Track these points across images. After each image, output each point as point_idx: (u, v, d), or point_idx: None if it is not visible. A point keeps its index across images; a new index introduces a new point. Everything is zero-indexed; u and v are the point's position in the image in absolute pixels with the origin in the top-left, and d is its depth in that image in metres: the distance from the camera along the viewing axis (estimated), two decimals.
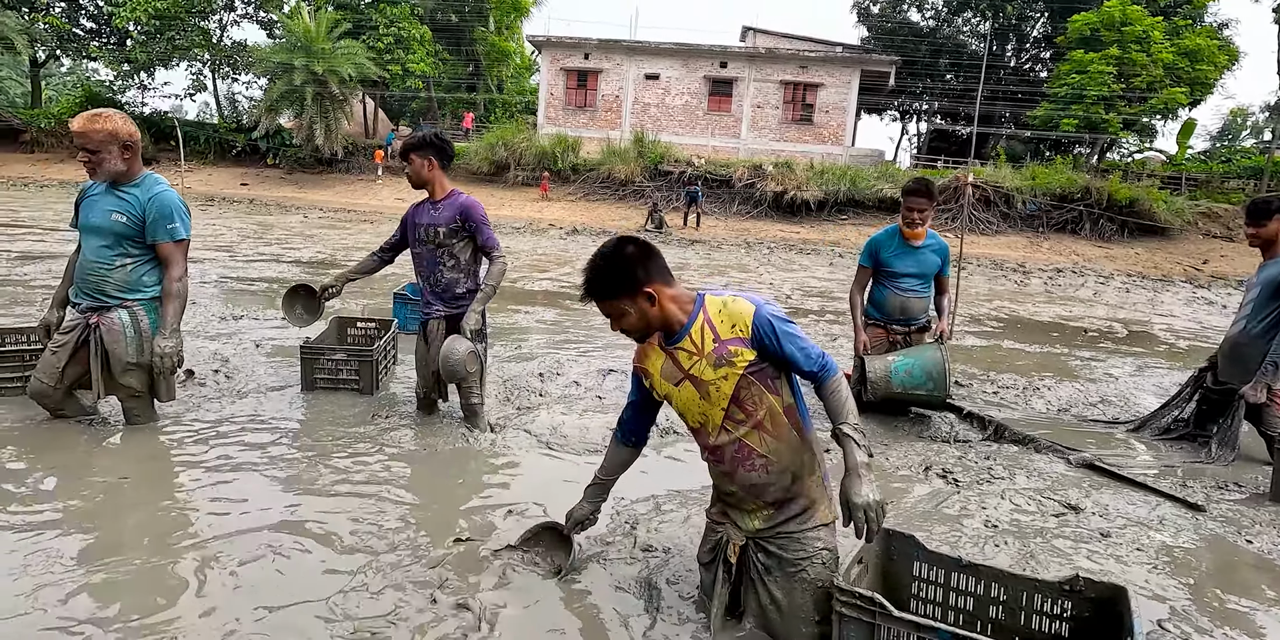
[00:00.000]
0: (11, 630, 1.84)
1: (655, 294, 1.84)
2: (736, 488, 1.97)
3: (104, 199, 2.98)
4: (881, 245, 3.96)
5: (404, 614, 2.00)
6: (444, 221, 3.33)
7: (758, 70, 26.29)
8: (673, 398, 1.97)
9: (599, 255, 1.86)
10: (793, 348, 1.84)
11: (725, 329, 1.85)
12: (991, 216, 19.76)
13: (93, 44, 27.56)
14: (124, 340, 3.00)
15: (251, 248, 10.59)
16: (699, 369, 1.88)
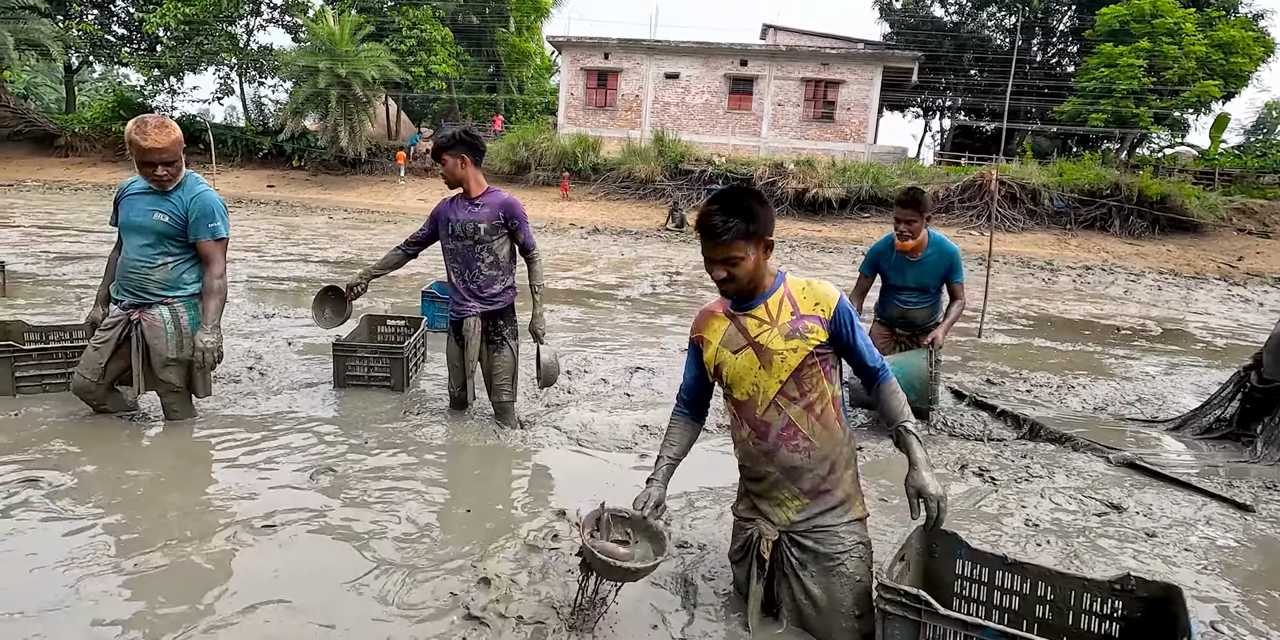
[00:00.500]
0: (56, 622, 1.87)
1: (771, 245, 1.88)
2: (775, 469, 1.94)
3: (144, 198, 3.02)
4: (881, 256, 3.82)
5: (436, 608, 2.01)
6: (485, 218, 3.30)
7: (778, 68, 26.14)
8: (726, 365, 1.94)
9: (737, 191, 1.83)
10: (863, 343, 1.92)
11: (807, 305, 1.89)
12: (1018, 213, 19.46)
13: (124, 50, 28.20)
14: (165, 336, 3.07)
15: (279, 248, 10.75)
16: (768, 337, 1.88)
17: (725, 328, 1.96)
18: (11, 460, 2.78)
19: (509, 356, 3.43)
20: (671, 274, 10.57)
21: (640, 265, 11.53)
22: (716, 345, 1.97)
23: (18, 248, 8.96)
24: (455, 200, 3.40)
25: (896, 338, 3.98)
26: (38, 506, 2.44)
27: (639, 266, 11.34)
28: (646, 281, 9.62)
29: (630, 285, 9.19)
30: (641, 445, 3.42)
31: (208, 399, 3.41)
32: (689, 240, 16.58)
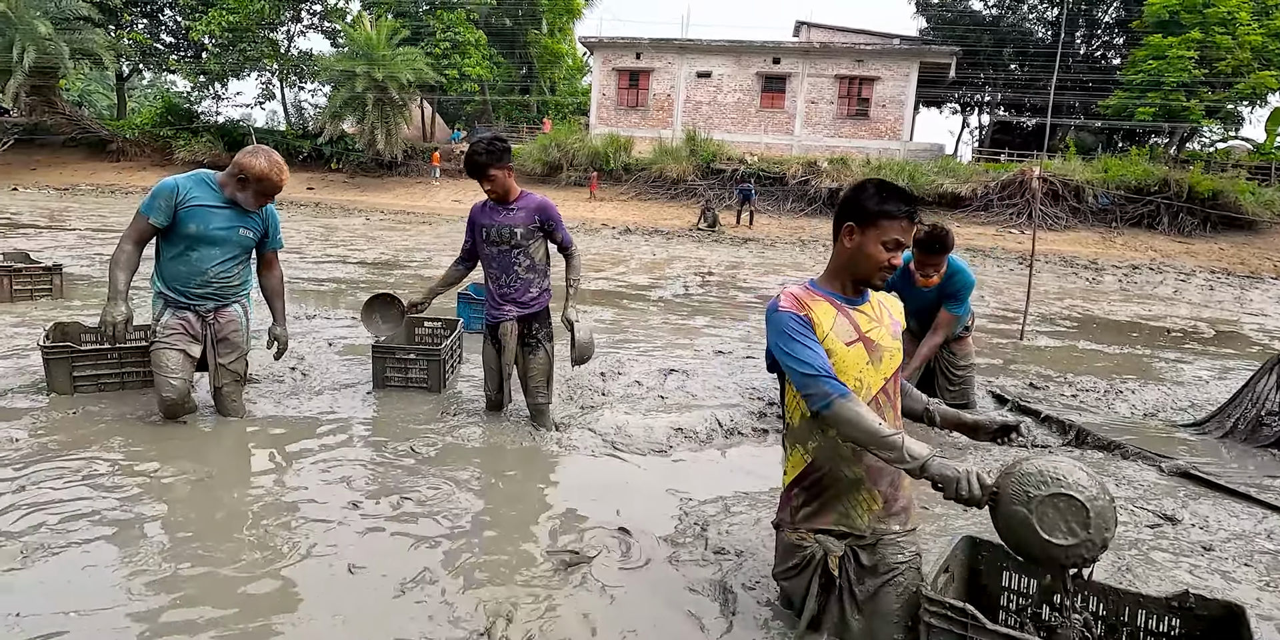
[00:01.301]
0: (108, 619, 1.94)
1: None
2: (862, 470, 1.89)
3: (223, 213, 3.15)
4: (894, 281, 3.61)
5: (472, 610, 2.03)
6: (521, 222, 3.31)
7: (812, 65, 25.85)
8: (834, 356, 1.84)
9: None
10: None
11: (897, 312, 2.03)
12: (1060, 211, 18.94)
13: (172, 57, 29.15)
14: (242, 330, 3.33)
15: (319, 249, 11.00)
16: (878, 334, 1.92)
17: (835, 316, 1.88)
18: (73, 457, 2.89)
19: (544, 358, 3.45)
20: (704, 274, 10.53)
21: (672, 265, 11.51)
22: (828, 331, 1.86)
23: (74, 250, 9.32)
24: (489, 205, 3.39)
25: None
26: (96, 504, 2.53)
27: (671, 267, 11.32)
28: (679, 282, 9.60)
29: (663, 286, 9.17)
30: (677, 449, 3.41)
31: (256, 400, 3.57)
32: (721, 240, 16.50)
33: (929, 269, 3.47)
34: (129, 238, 3.09)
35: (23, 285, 5.92)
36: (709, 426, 3.64)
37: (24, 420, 3.25)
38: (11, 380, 3.78)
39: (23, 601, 1.96)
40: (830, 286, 1.93)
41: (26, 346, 4.43)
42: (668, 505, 2.79)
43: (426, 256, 10.89)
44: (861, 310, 1.92)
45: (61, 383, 3.60)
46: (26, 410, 3.38)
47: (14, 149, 26.04)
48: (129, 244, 3.09)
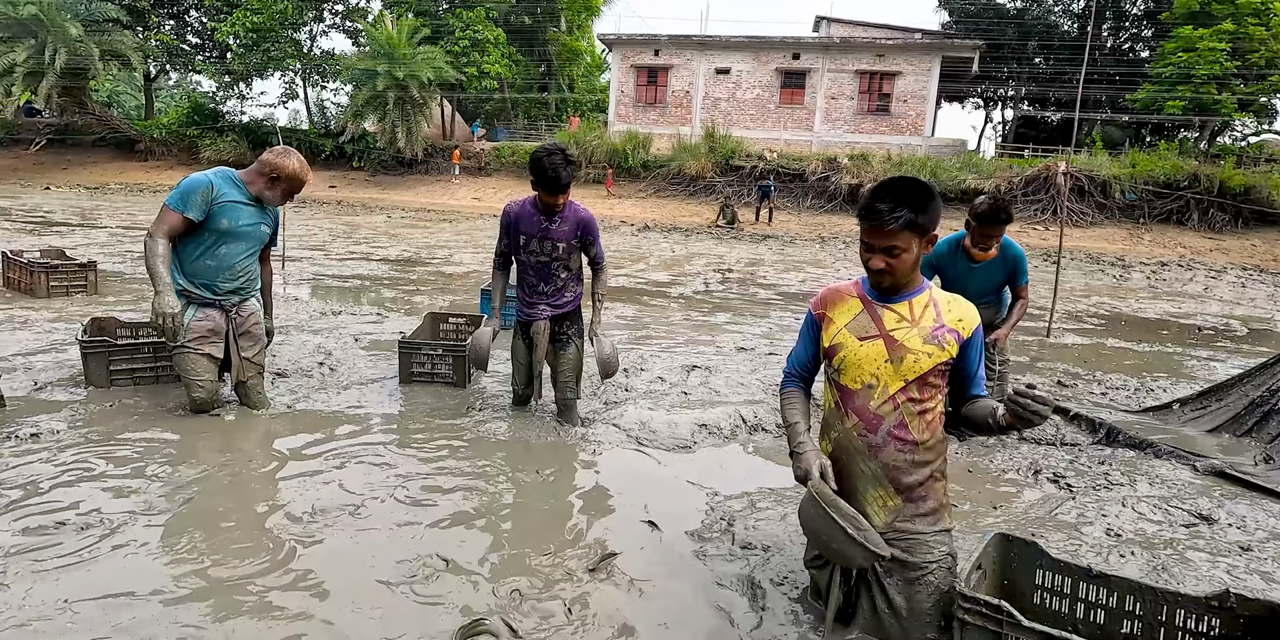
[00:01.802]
0: (147, 604, 1.99)
1: (934, 241, 1.83)
2: (877, 466, 1.89)
3: (248, 209, 3.28)
4: (943, 259, 3.61)
5: (500, 603, 2.05)
6: (565, 236, 3.27)
7: (832, 61, 25.62)
8: (844, 350, 1.89)
9: (913, 183, 1.77)
10: (980, 372, 1.92)
11: (951, 318, 1.86)
12: (1086, 207, 18.61)
13: (197, 58, 29.59)
14: (261, 322, 3.50)
15: (342, 247, 11.12)
16: (905, 335, 1.85)
17: (857, 312, 1.91)
18: (110, 448, 2.96)
19: (575, 354, 3.47)
20: (724, 271, 10.50)
21: (692, 262, 11.49)
22: (841, 327, 1.92)
23: (105, 247, 9.51)
24: (534, 212, 3.25)
25: None
26: (133, 493, 2.59)
27: (690, 264, 11.30)
28: (699, 279, 9.58)
29: (683, 283, 9.16)
30: (701, 444, 3.41)
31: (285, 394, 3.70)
32: (740, 237, 16.43)
33: (990, 241, 3.44)
34: (161, 232, 3.07)
35: (59, 282, 6.06)
36: (733, 422, 3.64)
37: (63, 412, 3.33)
38: (51, 374, 3.87)
39: (69, 587, 2.01)
40: (870, 283, 1.93)
41: (64, 341, 4.54)
42: (693, 500, 2.79)
43: (448, 253, 10.98)
44: (894, 308, 1.88)
45: (99, 376, 3.69)
46: (66, 403, 3.47)
47: (46, 149, 26.63)
48: (163, 238, 3.07)
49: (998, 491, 2.92)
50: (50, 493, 2.55)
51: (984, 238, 3.45)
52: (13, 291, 6.17)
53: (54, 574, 2.07)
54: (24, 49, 21.63)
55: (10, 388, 3.61)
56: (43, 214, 13.79)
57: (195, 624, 1.89)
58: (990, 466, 3.21)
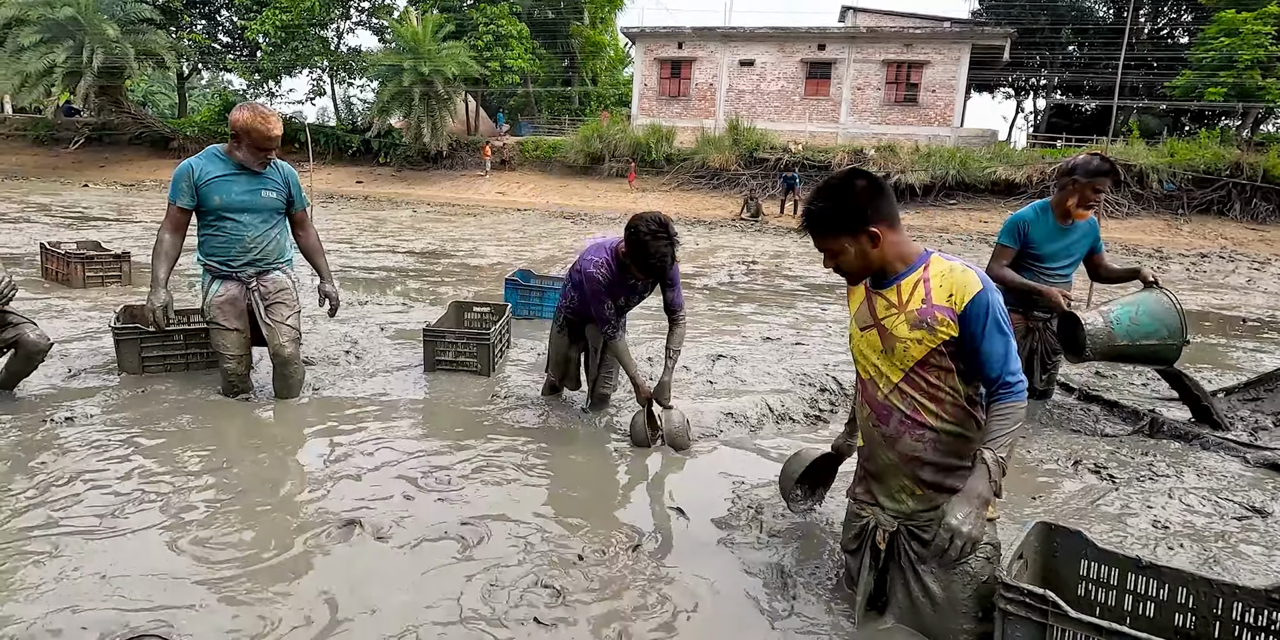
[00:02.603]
0: (177, 583, 1.99)
1: (879, 235, 1.72)
2: (895, 456, 1.84)
3: (240, 179, 3.22)
4: (1032, 225, 3.46)
5: (528, 588, 2.03)
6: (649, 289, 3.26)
7: (858, 51, 25.22)
8: (852, 340, 1.91)
9: (826, 186, 1.75)
10: (993, 345, 1.68)
11: (940, 295, 1.71)
12: (1122, 197, 18.11)
13: (228, 57, 30.10)
14: (290, 289, 3.43)
15: (369, 240, 11.22)
16: (893, 322, 1.77)
17: (861, 301, 1.88)
18: (142, 432, 2.99)
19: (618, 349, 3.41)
20: (748, 263, 10.39)
21: (716, 254, 11.40)
22: (853, 313, 1.91)
23: (139, 240, 9.70)
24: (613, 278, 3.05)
25: (1030, 325, 3.56)
26: (164, 476, 2.61)
27: (715, 256, 11.21)
28: (723, 270, 9.49)
29: (707, 274, 9.09)
30: (727, 433, 3.36)
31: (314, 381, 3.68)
32: (764, 230, 16.28)
33: (1099, 197, 3.31)
34: (165, 227, 3.23)
35: (94, 272, 6.19)
36: (759, 412, 3.58)
37: (97, 398, 3.38)
38: (86, 360, 3.94)
39: (105, 564, 2.03)
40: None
41: (99, 329, 4.63)
42: (720, 489, 2.74)
43: (472, 246, 11.02)
44: (884, 294, 1.78)
45: (130, 363, 3.74)
46: (99, 389, 3.52)
47: (84, 147, 27.30)
48: (166, 233, 3.23)
49: (1036, 482, 2.83)
50: (82, 475, 2.58)
51: (1095, 193, 3.31)
52: (51, 282, 6.31)
53: (88, 552, 2.09)
54: (63, 50, 22.16)
55: (47, 374, 3.68)
56: (81, 210, 14.13)
57: (227, 602, 1.89)
58: (1027, 457, 3.10)
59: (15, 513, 2.30)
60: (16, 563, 2.03)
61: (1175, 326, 3.13)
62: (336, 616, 1.86)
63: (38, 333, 3.21)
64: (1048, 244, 3.47)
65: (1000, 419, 1.67)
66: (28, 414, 3.13)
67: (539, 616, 1.88)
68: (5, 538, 2.15)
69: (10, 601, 1.86)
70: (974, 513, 1.61)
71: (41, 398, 3.35)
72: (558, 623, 1.87)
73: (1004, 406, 1.68)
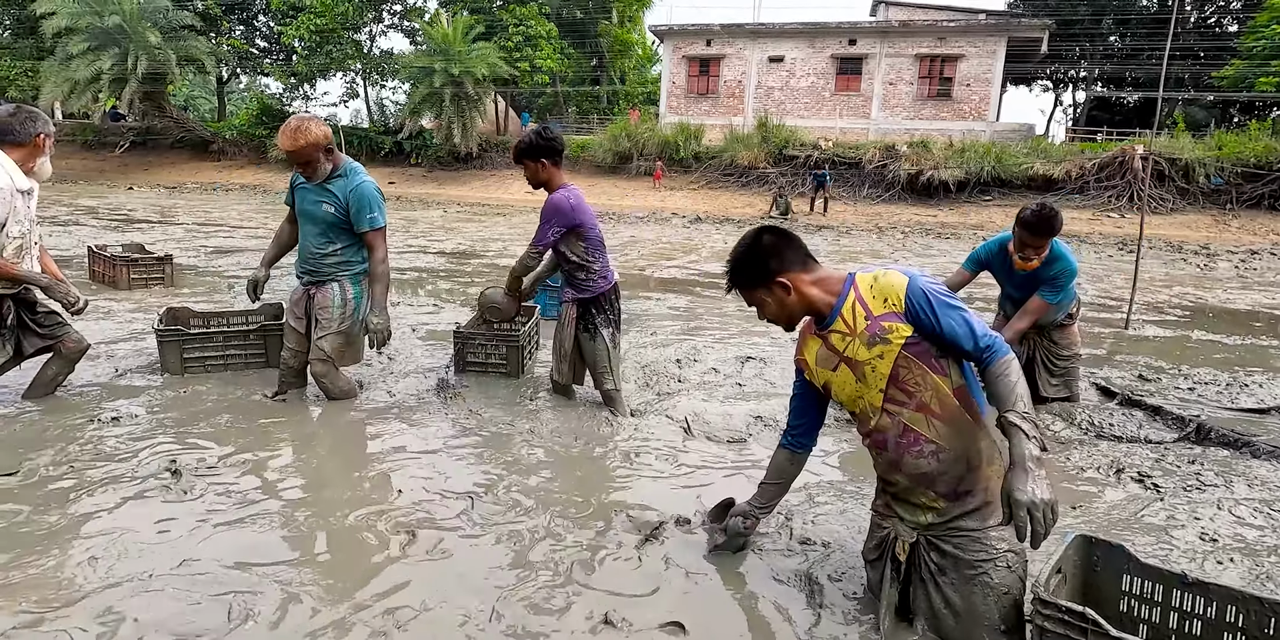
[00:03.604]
0: (235, 582, 2.04)
1: (789, 283, 1.85)
2: (903, 477, 1.84)
3: (311, 190, 3.31)
4: (991, 257, 3.42)
5: (556, 589, 2.03)
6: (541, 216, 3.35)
7: (890, 45, 24.80)
8: (831, 384, 1.91)
9: (736, 247, 1.92)
10: (952, 322, 1.71)
11: (877, 305, 1.76)
12: (1167, 193, 17.51)
13: (265, 61, 30.78)
14: (331, 307, 3.38)
15: (401, 240, 11.39)
16: (853, 350, 1.81)
17: (818, 347, 1.92)
18: (185, 431, 3.08)
19: (601, 345, 3.43)
20: None
21: None
22: (814, 366, 1.93)
23: (182, 242, 9.99)
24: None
25: (1023, 337, 3.52)
26: (206, 474, 2.68)
27: None
28: None
29: None
30: (757, 436, 3.33)
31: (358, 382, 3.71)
32: (793, 228, 16.11)
33: (1030, 251, 3.16)
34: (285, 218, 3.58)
35: (139, 274, 6.38)
36: None
37: (142, 398, 3.49)
38: (130, 361, 4.07)
39: (151, 563, 2.09)
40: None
41: (143, 330, 4.77)
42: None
43: (502, 246, 11.12)
44: (834, 329, 1.84)
45: (173, 363, 3.85)
46: (144, 389, 3.63)
47: (129, 151, 28.17)
48: (283, 222, 3.59)
49: (1076, 491, 2.75)
50: (127, 475, 2.66)
51: (1021, 246, 3.15)
52: (98, 283, 6.53)
53: (133, 552, 2.16)
54: (109, 57, 22.87)
55: (94, 374, 3.81)
56: (126, 212, 14.59)
57: (270, 589, 1.93)
58: (1067, 464, 3.02)
59: (66, 515, 2.38)
60: (67, 562, 2.10)
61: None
62: (378, 610, 1.89)
63: (77, 335, 3.37)
64: (1003, 279, 3.48)
65: (1001, 379, 1.69)
66: (76, 414, 3.24)
67: (557, 622, 1.88)
68: (54, 536, 2.23)
69: (56, 601, 1.92)
70: (1034, 477, 1.57)
71: (88, 397, 3.47)
72: (573, 627, 1.87)
73: (995, 367, 1.70)
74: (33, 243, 3.14)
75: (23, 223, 3.02)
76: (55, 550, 2.15)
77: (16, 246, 3.02)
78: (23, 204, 3.01)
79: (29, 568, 2.06)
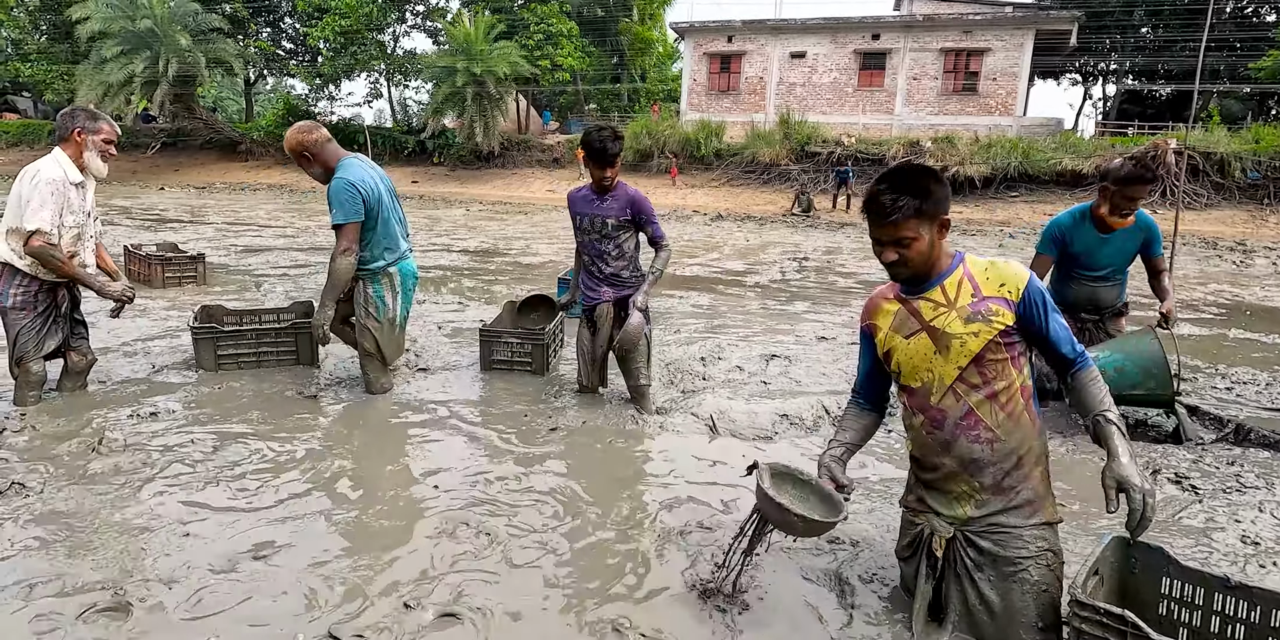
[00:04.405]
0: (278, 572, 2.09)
1: (949, 224, 1.76)
2: (952, 461, 1.80)
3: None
4: (1069, 232, 3.35)
5: (583, 587, 2.05)
6: (614, 212, 3.33)
7: (914, 40, 24.48)
8: (897, 351, 1.85)
9: (907, 172, 1.70)
10: (1056, 326, 1.76)
11: (990, 286, 1.75)
12: (1201, 187, 17.09)
13: (291, 62, 31.23)
14: (356, 305, 3.53)
15: (424, 239, 11.50)
16: (944, 321, 1.76)
17: (896, 312, 1.86)
18: (220, 426, 3.15)
19: (643, 340, 3.43)
20: (800, 259, 10.24)
21: (767, 251, 11.26)
22: (887, 330, 1.87)
23: (213, 241, 10.19)
24: (583, 193, 3.43)
25: (1082, 325, 3.54)
26: (239, 466, 2.74)
27: (766, 253, 11.08)
28: (775, 267, 9.38)
29: (758, 271, 8.99)
30: (783, 435, 3.33)
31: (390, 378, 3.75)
32: (816, 225, 16.00)
33: (1134, 205, 3.15)
34: None
35: (172, 273, 6.52)
36: (815, 413, 3.53)
37: (178, 394, 3.57)
38: (166, 358, 4.17)
39: (191, 555, 2.15)
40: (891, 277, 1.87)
41: (178, 328, 4.88)
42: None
43: (524, 244, 11.18)
44: (928, 297, 1.79)
45: (207, 360, 3.94)
46: (180, 385, 3.72)
47: (160, 152, 28.76)
48: None
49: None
50: (168, 469, 2.73)
51: (1128, 201, 3.14)
52: (133, 282, 6.66)
53: (176, 545, 2.21)
54: (141, 60, 23.36)
55: (132, 370, 3.91)
56: (158, 212, 14.90)
57: (314, 581, 1.97)
58: (1101, 463, 2.97)
59: (114, 508, 2.45)
60: (124, 555, 2.16)
61: (1163, 377, 3.13)
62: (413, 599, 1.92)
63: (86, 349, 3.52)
64: (1085, 253, 3.35)
65: (1094, 382, 1.75)
66: (117, 407, 3.33)
67: (590, 615, 1.90)
68: (104, 529, 2.30)
69: (116, 592, 1.98)
70: (1135, 466, 1.64)
71: (127, 393, 3.56)
72: (601, 621, 1.88)
73: (1088, 372, 1.76)
74: (90, 235, 3.31)
75: (77, 214, 3.20)
76: (109, 542, 2.21)
77: (74, 235, 3.21)
78: (76, 196, 3.19)
79: (85, 559, 2.12)
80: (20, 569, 2.05)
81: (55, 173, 3.08)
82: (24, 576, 2.01)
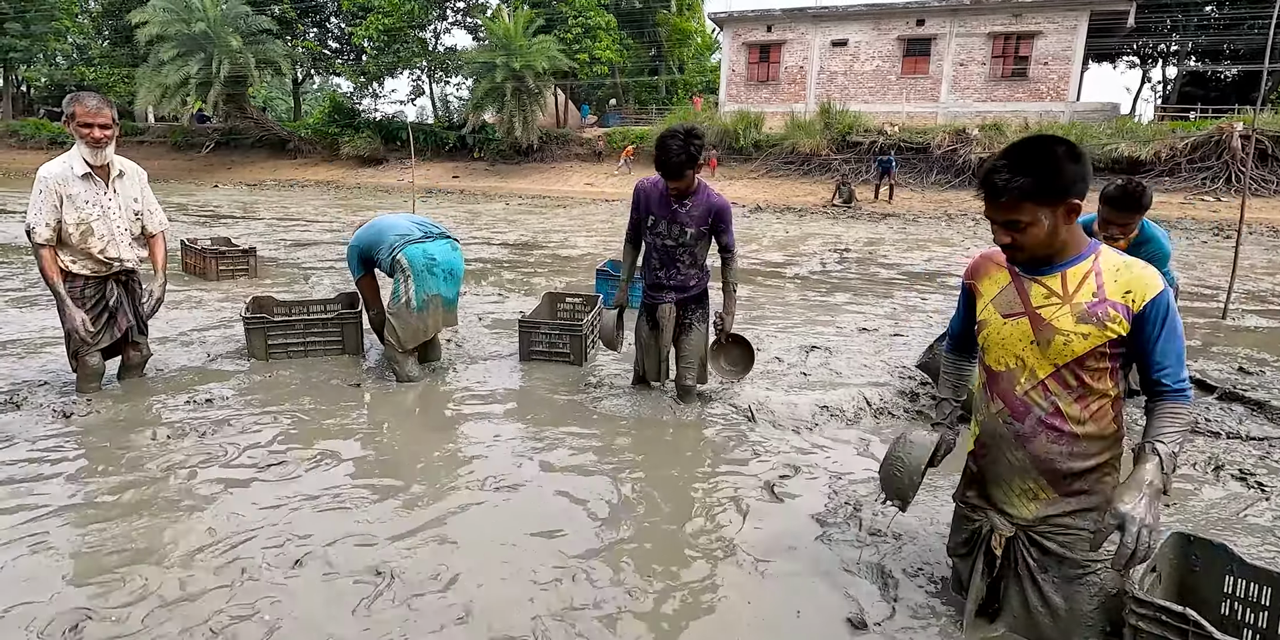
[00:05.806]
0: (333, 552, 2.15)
1: (1079, 209, 1.56)
2: (1025, 457, 1.69)
3: None
4: None
5: (623, 578, 2.05)
6: (694, 222, 3.15)
7: (960, 24, 23.74)
8: (989, 327, 1.71)
9: (1043, 143, 1.52)
10: (1169, 347, 1.56)
11: (1115, 290, 1.57)
12: (1268, 174, 16.23)
13: (337, 61, 31.95)
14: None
15: (465, 232, 11.67)
16: (1053, 313, 1.61)
17: (1004, 283, 1.70)
18: (271, 412, 3.25)
19: (698, 340, 3.40)
20: (841, 251, 10.06)
21: (807, 242, 11.10)
22: (988, 301, 1.72)
23: (263, 236, 10.51)
24: (662, 193, 3.18)
25: None
26: (290, 450, 2.83)
27: (806, 244, 10.93)
28: (815, 259, 9.24)
29: (798, 263, 8.87)
30: (823, 427, 3.28)
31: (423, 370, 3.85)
32: (857, 216, 15.71)
33: (1115, 230, 2.93)
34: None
35: (226, 266, 6.75)
36: (857, 405, 3.47)
37: (231, 381, 3.70)
38: (220, 347, 4.32)
39: (267, 540, 2.23)
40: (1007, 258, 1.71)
41: (231, 318, 5.05)
42: (816, 483, 2.69)
43: (563, 237, 11.24)
44: (1043, 281, 1.63)
45: (259, 349, 4.07)
46: (233, 373, 3.85)
47: (214, 151, 29.80)
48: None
49: (1171, 488, 2.59)
50: (222, 453, 2.84)
51: (1105, 225, 2.93)
52: (190, 275, 6.94)
53: (231, 516, 2.30)
54: (195, 62, 24.20)
55: (189, 359, 4.06)
56: (212, 209, 15.44)
57: (375, 567, 2.03)
58: None
59: (179, 491, 2.55)
60: (189, 536, 2.26)
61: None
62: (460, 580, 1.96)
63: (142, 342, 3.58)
64: None
65: (1172, 416, 1.56)
66: (174, 395, 3.46)
67: (622, 606, 1.90)
68: (170, 509, 2.40)
69: (184, 579, 2.07)
70: (1146, 499, 1.45)
71: (183, 381, 3.70)
72: (642, 616, 1.89)
73: (1175, 406, 1.57)
74: (117, 229, 3.22)
75: (83, 209, 3.10)
76: (176, 525, 2.31)
77: (82, 231, 3.13)
78: (81, 189, 3.09)
79: (149, 541, 2.22)
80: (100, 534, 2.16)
81: (52, 169, 3.04)
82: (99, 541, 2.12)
